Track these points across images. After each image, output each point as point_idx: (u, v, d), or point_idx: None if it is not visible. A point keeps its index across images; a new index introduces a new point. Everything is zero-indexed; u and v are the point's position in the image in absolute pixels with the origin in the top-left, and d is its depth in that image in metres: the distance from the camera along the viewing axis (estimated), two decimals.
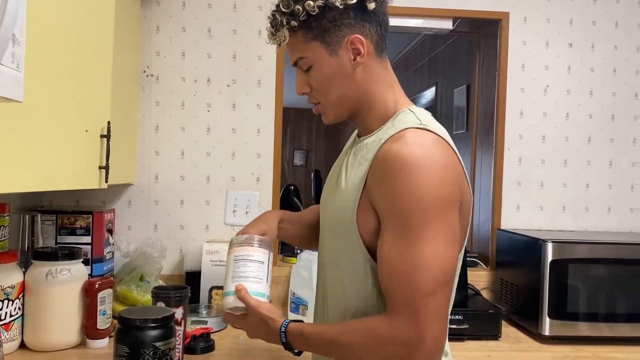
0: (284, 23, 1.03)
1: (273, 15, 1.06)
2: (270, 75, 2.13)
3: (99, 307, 1.57)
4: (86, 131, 1.37)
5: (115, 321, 1.70)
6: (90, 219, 1.85)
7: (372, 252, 1.01)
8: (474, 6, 2.19)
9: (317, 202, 2.57)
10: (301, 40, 1.04)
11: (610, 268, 1.79)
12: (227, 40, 2.13)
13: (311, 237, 1.29)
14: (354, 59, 1.03)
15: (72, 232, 1.85)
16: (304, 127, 7.51)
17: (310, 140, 7.69)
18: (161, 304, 1.41)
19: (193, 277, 1.97)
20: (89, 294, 1.56)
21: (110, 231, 1.97)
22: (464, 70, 3.39)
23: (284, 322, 1.05)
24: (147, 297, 1.82)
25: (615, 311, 1.78)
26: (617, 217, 2.26)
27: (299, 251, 2.15)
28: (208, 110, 2.13)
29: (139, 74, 2.09)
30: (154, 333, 1.21)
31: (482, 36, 2.40)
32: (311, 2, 0.99)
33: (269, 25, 1.08)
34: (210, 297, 1.94)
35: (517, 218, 2.23)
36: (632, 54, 2.25)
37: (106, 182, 1.48)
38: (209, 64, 2.12)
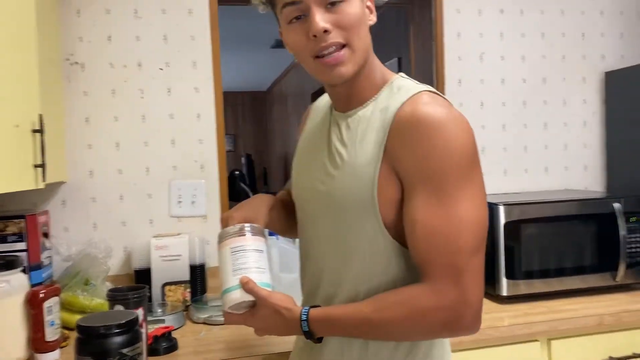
0: None
1: None
2: (206, 57, 2.03)
3: (46, 318, 1.44)
4: (16, 126, 1.23)
5: (66, 331, 1.59)
6: (23, 223, 1.70)
7: (388, 228, 0.96)
8: None
9: (242, 181, 2.52)
10: None
11: (558, 225, 1.86)
12: (156, 20, 1.99)
13: (290, 226, 1.22)
14: (370, 14, 1.00)
15: (3, 240, 1.69)
16: (228, 111, 7.32)
17: (237, 124, 7.54)
18: (119, 307, 1.31)
19: (143, 275, 1.86)
20: (34, 304, 1.43)
21: (46, 235, 1.82)
22: (393, 42, 3.40)
23: (304, 310, 0.97)
24: (96, 301, 1.70)
25: (565, 266, 1.86)
26: (553, 176, 2.35)
27: None
28: (142, 97, 2.00)
29: (62, 62, 1.92)
30: (119, 339, 1.12)
31: (416, 6, 2.40)
32: None
33: None
34: (163, 294, 1.84)
35: None
36: (557, 17, 2.33)
37: (43, 181, 1.35)
38: (139, 47, 1.98)
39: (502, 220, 1.80)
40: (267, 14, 1.07)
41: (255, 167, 6.90)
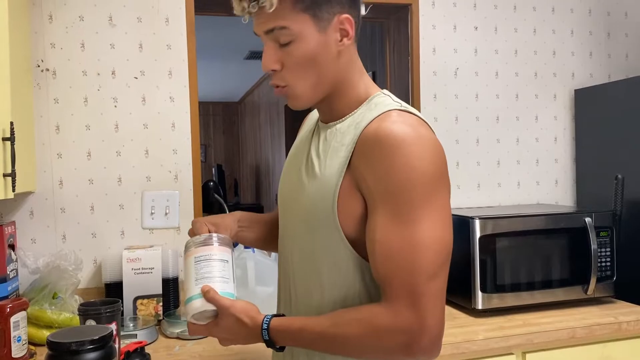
0: None
1: None
2: (182, 66, 2.00)
3: (13, 334, 1.38)
4: None
5: (33, 347, 1.53)
6: None
7: (352, 241, 0.96)
8: None
9: (217, 193, 2.47)
10: (289, 9, 0.93)
11: (531, 239, 1.88)
12: (132, 29, 1.96)
13: (273, 239, 1.21)
14: (341, 40, 0.97)
15: None
16: (200, 121, 7.28)
17: (208, 134, 7.49)
18: (91, 322, 1.27)
19: (114, 289, 1.81)
20: (0, 319, 1.37)
21: (12, 246, 1.75)
22: (367, 57, 3.43)
23: (265, 318, 0.96)
24: (64, 316, 1.64)
25: (538, 279, 1.88)
26: (525, 190, 2.39)
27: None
28: (115, 106, 1.95)
29: (33, 68, 1.87)
30: (92, 356, 1.08)
31: (392, 21, 2.43)
32: None
33: None
34: (135, 308, 1.79)
35: None
36: (530, 35, 2.38)
37: (13, 191, 1.30)
38: (113, 55, 1.94)
39: (477, 233, 1.82)
40: (243, 26, 1.07)
41: (226, 177, 6.85)
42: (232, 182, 7.17)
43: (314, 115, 1.16)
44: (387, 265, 0.88)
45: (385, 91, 1.04)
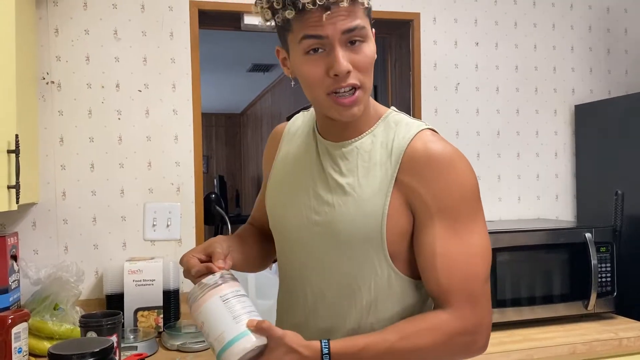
0: None
1: None
2: (186, 79, 2.02)
3: (14, 345, 1.39)
4: None
5: (33, 358, 1.53)
6: None
7: (393, 258, 0.99)
8: (386, 7, 2.23)
9: (218, 205, 2.48)
10: (362, 11, 0.93)
11: (531, 254, 1.89)
12: (137, 42, 1.98)
13: (261, 259, 1.21)
14: None
15: None
16: (203, 132, 7.31)
17: (210, 146, 7.51)
18: (92, 334, 1.27)
19: (115, 300, 1.81)
20: (1, 330, 1.37)
21: (15, 257, 1.76)
22: None
23: (324, 344, 0.91)
24: (65, 327, 1.65)
25: (538, 294, 1.88)
26: (526, 205, 2.40)
27: None
28: (119, 118, 1.97)
29: (38, 81, 1.89)
30: None
31: (393, 37, 2.45)
32: None
33: None
34: (135, 320, 1.80)
35: None
36: (531, 51, 2.40)
37: (17, 202, 1.31)
38: (117, 68, 1.97)
39: None
40: (247, 39, 1.06)
41: (228, 189, 6.86)
42: (233, 193, 7.18)
43: (297, 132, 1.13)
44: (450, 274, 0.94)
45: (393, 108, 1.07)
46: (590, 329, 1.82)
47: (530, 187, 2.41)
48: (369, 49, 0.94)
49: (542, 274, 1.89)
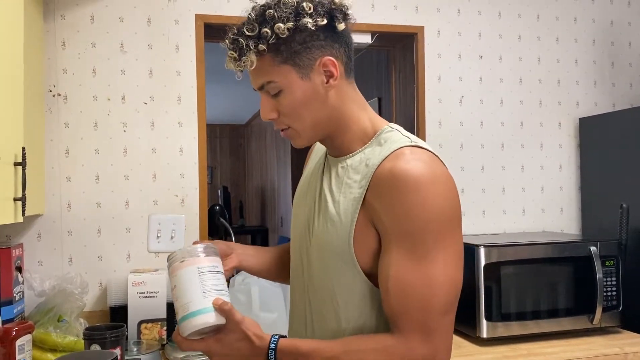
0: (251, 47, 0.95)
1: (234, 39, 0.98)
2: (191, 92, 2.03)
3: (18, 357, 1.38)
4: None
5: None
6: None
7: (368, 274, 0.97)
8: (390, 20, 2.24)
9: (222, 216, 2.49)
10: (269, 64, 0.97)
11: (536, 267, 1.88)
12: (142, 55, 2.00)
13: (279, 271, 1.23)
14: (327, 82, 0.99)
15: None
16: (207, 143, 7.33)
17: (214, 156, 7.52)
18: (96, 347, 1.27)
19: (119, 312, 1.81)
20: (5, 342, 1.37)
21: (19, 269, 1.77)
22: (374, 83, 3.47)
23: (273, 338, 0.94)
24: (69, 339, 1.64)
25: (543, 308, 1.87)
26: (530, 218, 2.39)
27: (235, 273, 2.05)
28: (124, 130, 1.98)
29: (45, 93, 1.91)
30: None
31: (398, 50, 2.46)
32: (281, 25, 0.94)
33: (230, 50, 0.99)
34: (139, 332, 1.79)
35: None
36: (535, 64, 2.41)
37: (23, 214, 1.32)
38: (123, 80, 1.98)
39: (482, 261, 1.82)
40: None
41: (232, 199, 6.86)
42: (237, 204, 7.19)
43: (321, 147, 1.17)
44: (401, 301, 0.90)
45: (392, 125, 1.05)
46: (596, 344, 1.80)
47: (534, 200, 2.40)
48: (289, 95, 0.98)
49: (547, 287, 1.88)
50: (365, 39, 2.26)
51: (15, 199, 1.30)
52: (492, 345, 1.80)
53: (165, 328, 1.82)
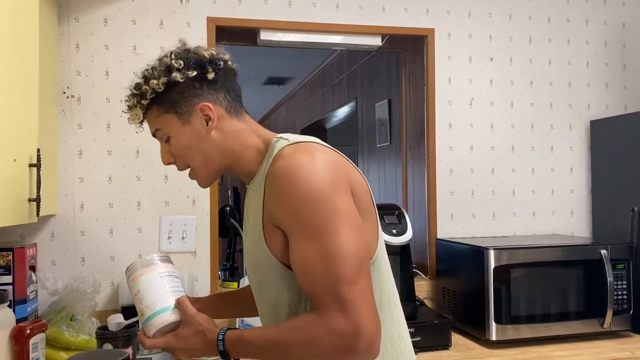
0: (136, 103, 1.12)
1: (128, 97, 1.15)
2: None
3: (31, 355, 1.41)
4: (14, 160, 1.23)
5: None
6: (11, 256, 1.67)
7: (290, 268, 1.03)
8: (401, 23, 2.25)
9: (232, 217, 2.50)
10: (155, 115, 1.11)
11: (546, 270, 1.88)
12: (155, 58, 2.01)
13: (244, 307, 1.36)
14: (207, 124, 1.09)
15: None
16: None
17: None
18: (108, 346, 1.29)
19: (130, 312, 1.82)
20: (19, 341, 1.40)
21: (33, 268, 1.80)
22: (384, 84, 3.47)
23: (221, 330, 1.03)
24: (81, 338, 1.67)
25: (553, 311, 1.87)
26: (540, 221, 2.39)
27: (245, 274, 2.07)
28: (137, 132, 2.00)
29: (59, 95, 1.93)
30: None
31: (408, 52, 2.47)
32: (155, 81, 1.09)
33: (126, 106, 1.16)
34: None
35: (451, 227, 2.29)
36: (545, 66, 2.40)
37: (37, 215, 1.34)
38: None
39: (492, 264, 1.82)
40: (262, 54, 1.14)
41: (241, 200, 6.88)
42: None
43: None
44: (309, 279, 0.95)
45: (281, 134, 1.11)
46: (606, 347, 1.80)
47: (545, 203, 2.39)
48: (176, 142, 1.11)
49: (557, 290, 1.88)
50: (375, 41, 2.27)
51: (30, 200, 1.32)
52: (501, 348, 1.80)
53: None
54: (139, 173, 2.01)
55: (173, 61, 1.10)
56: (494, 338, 1.81)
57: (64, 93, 1.95)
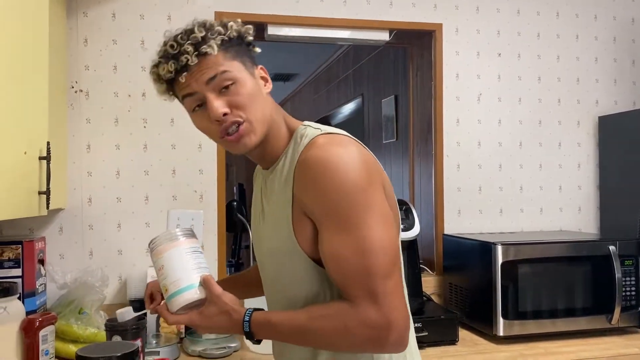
0: (208, 38, 1.00)
1: (199, 28, 1.01)
2: None
3: (41, 347, 1.42)
4: (25, 153, 1.24)
5: None
6: (20, 249, 1.69)
7: (317, 261, 1.02)
8: (409, 18, 2.24)
9: (239, 212, 2.52)
10: (222, 58, 1.01)
11: (554, 266, 1.87)
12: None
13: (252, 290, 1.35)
14: (265, 85, 1.08)
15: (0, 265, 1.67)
16: None
17: (231, 154, 7.55)
18: (117, 338, 1.30)
19: (138, 305, 1.83)
20: (29, 333, 1.41)
21: (42, 261, 1.81)
22: (390, 80, 3.46)
23: (248, 311, 1.02)
24: (90, 331, 1.68)
25: (561, 307, 1.86)
26: (548, 217, 2.38)
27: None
28: (144, 126, 2.01)
29: (67, 89, 1.94)
30: None
31: (415, 47, 2.46)
32: (234, 24, 1.04)
33: (184, 45, 1.00)
34: (158, 325, 1.81)
35: (458, 223, 2.29)
36: (554, 62, 2.39)
37: (47, 208, 1.35)
38: (144, 77, 2.01)
39: (500, 259, 1.81)
40: (269, 50, 1.13)
41: (247, 196, 6.90)
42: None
43: (258, 172, 1.22)
44: (341, 273, 0.96)
45: (306, 122, 1.10)
46: (614, 344, 1.79)
47: (552, 199, 2.39)
48: (242, 87, 1.02)
49: (565, 286, 1.87)
50: (383, 36, 2.26)
51: (40, 192, 1.33)
52: (508, 344, 1.80)
53: None
54: (146, 167, 2.01)
55: (231, 23, 1.05)
56: (501, 333, 1.81)
57: (73, 88, 1.96)
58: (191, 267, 1.04)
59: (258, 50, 1.08)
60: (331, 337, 0.95)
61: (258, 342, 1.04)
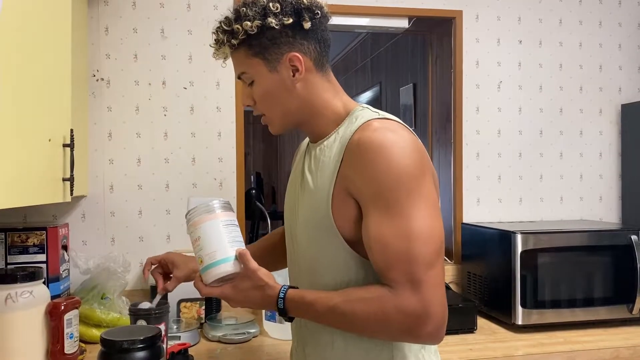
0: (225, 41, 1.08)
1: (216, 31, 1.10)
2: (230, 76, 2.06)
3: (66, 330, 1.44)
4: (49, 140, 1.26)
5: (83, 344, 1.60)
6: (44, 235, 1.72)
7: (351, 243, 1.03)
8: (428, 5, 2.22)
9: (258, 200, 2.55)
10: (243, 56, 1.08)
11: (574, 255, 1.86)
12: (182, 41, 2.03)
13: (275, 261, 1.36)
14: (293, 75, 1.08)
15: (25, 251, 1.71)
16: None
17: (248, 142, 7.57)
18: (142, 322, 1.32)
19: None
20: (54, 316, 1.43)
21: (65, 247, 1.84)
22: (408, 68, 3.44)
23: (283, 288, 1.03)
24: (112, 316, 1.71)
25: (581, 297, 1.85)
26: (569, 206, 2.36)
27: None
28: (165, 115, 2.03)
29: (89, 78, 1.96)
30: (141, 355, 1.13)
31: (435, 34, 2.44)
32: (249, 23, 1.04)
33: (213, 41, 1.12)
34: (178, 310, 1.85)
35: (477, 211, 2.28)
36: (576, 49, 2.36)
37: (71, 194, 1.37)
38: (164, 66, 2.02)
39: (519, 248, 1.80)
40: None
41: (264, 185, 6.93)
42: (270, 190, 7.25)
43: (304, 143, 1.27)
44: (384, 257, 0.96)
45: (364, 104, 1.12)
46: (635, 334, 1.78)
47: (573, 188, 2.36)
48: (259, 86, 1.09)
49: (585, 276, 1.86)
50: (402, 23, 2.24)
51: (64, 179, 1.35)
52: (527, 332, 1.79)
53: (203, 307, 1.86)
54: (167, 155, 2.03)
55: (270, 4, 1.04)
56: (519, 322, 1.80)
57: (94, 76, 1.98)
58: (227, 240, 1.04)
59: (307, 25, 1.05)
60: (366, 320, 0.95)
61: (290, 319, 1.05)
